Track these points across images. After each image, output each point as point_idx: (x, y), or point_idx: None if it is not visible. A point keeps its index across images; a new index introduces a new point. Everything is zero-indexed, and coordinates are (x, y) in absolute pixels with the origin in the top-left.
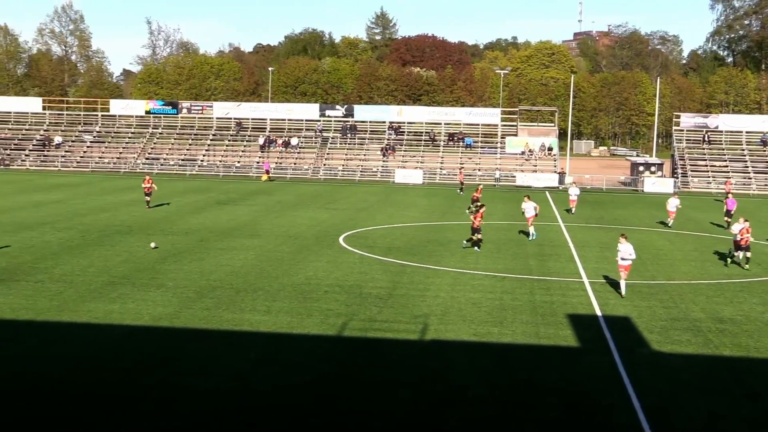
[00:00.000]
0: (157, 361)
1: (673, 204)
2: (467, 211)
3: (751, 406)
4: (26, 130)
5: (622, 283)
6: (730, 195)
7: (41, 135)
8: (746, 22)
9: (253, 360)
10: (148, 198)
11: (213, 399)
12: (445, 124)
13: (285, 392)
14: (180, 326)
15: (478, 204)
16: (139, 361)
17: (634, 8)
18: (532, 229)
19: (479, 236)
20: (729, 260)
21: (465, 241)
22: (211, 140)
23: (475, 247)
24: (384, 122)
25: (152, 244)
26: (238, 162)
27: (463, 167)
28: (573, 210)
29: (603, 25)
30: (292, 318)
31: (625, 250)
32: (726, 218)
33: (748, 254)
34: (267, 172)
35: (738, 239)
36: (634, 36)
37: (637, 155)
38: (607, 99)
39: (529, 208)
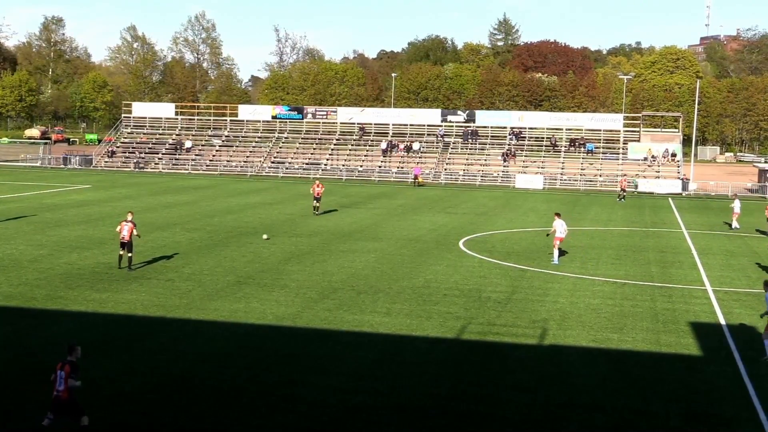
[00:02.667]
0: (279, 360)
1: None
2: None
3: None
4: (160, 134)
5: (556, 253)
6: None
7: (173, 139)
8: None
9: (373, 360)
10: (316, 204)
11: (332, 397)
12: (566, 129)
13: (402, 393)
14: (302, 326)
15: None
16: (261, 359)
17: (765, 11)
18: (556, 253)
19: None
20: None
21: None
22: (334, 144)
23: None
24: (505, 127)
25: (264, 236)
26: (361, 166)
27: (625, 175)
28: (734, 225)
29: (732, 29)
30: (411, 320)
31: (559, 226)
32: None
33: None
34: (416, 176)
35: None
36: (765, 39)
37: (766, 162)
38: (734, 105)
39: (559, 227)
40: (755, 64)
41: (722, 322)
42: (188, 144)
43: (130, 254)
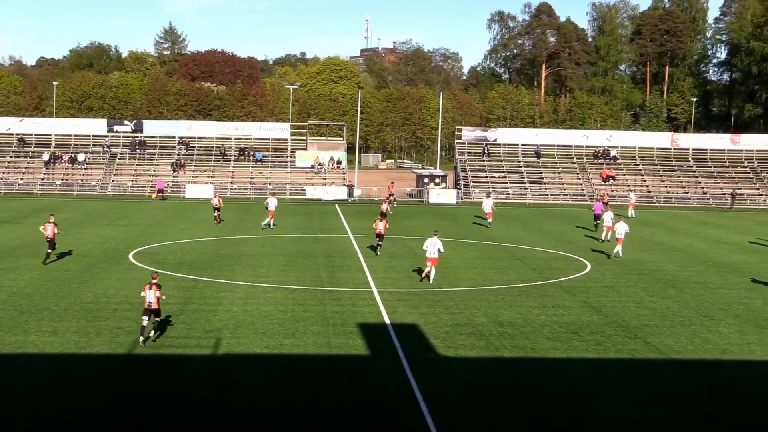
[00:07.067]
0: None
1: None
2: None
3: (528, 403)
4: None
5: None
6: (601, 202)
7: None
8: (520, 41)
9: (40, 383)
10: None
11: (1, 423)
12: (235, 138)
13: (75, 415)
14: None
15: None
16: None
17: (417, 26)
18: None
19: None
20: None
21: None
22: None
23: None
24: (174, 137)
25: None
26: (21, 179)
27: (393, 182)
28: (489, 223)
29: (389, 42)
30: (80, 338)
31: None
32: (596, 222)
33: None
34: (160, 191)
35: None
36: (418, 53)
37: (422, 168)
38: (393, 114)
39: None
40: (410, 76)
41: (387, 321)
42: None
43: (50, 250)
